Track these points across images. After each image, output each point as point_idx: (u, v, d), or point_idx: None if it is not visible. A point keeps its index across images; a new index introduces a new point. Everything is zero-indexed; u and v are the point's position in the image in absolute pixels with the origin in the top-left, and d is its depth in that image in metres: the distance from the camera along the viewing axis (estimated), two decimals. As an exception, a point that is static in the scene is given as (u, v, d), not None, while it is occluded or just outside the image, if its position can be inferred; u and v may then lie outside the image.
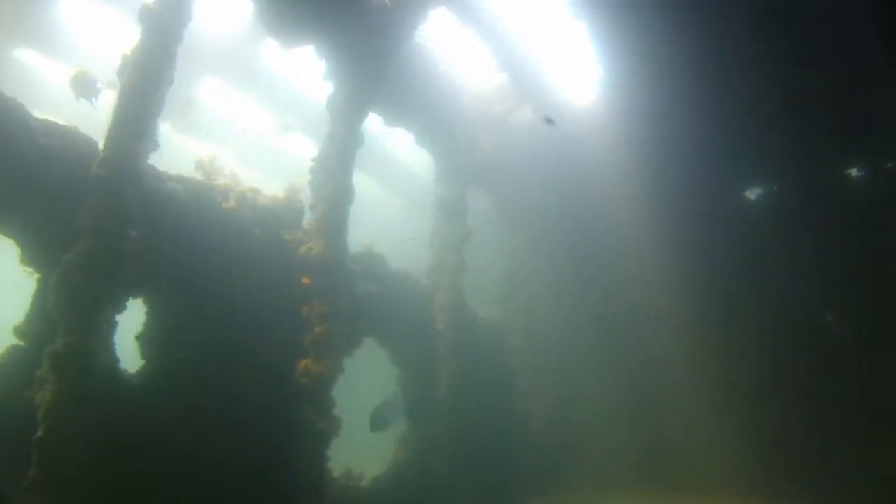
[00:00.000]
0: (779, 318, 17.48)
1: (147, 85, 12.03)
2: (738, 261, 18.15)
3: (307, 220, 14.85)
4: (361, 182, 26.71)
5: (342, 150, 15.03)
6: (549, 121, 17.04)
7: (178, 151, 18.47)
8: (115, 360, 11.46)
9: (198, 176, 14.25)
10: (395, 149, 25.32)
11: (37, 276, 11.89)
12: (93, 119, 12.70)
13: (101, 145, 11.81)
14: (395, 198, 28.42)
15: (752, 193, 19.49)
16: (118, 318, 11.38)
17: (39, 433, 10.06)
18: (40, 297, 11.63)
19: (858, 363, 16.41)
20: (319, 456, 13.30)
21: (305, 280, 14.00)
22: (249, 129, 24.08)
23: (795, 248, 17.20)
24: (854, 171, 18.07)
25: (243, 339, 13.37)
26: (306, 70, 20.04)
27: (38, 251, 11.70)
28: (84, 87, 13.81)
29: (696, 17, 15.79)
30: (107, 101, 12.72)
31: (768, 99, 16.73)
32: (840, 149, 17.70)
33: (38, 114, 12.16)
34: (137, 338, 12.54)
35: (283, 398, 13.42)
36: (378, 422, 16.29)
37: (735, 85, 16.72)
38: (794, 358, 17.01)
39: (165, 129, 16.86)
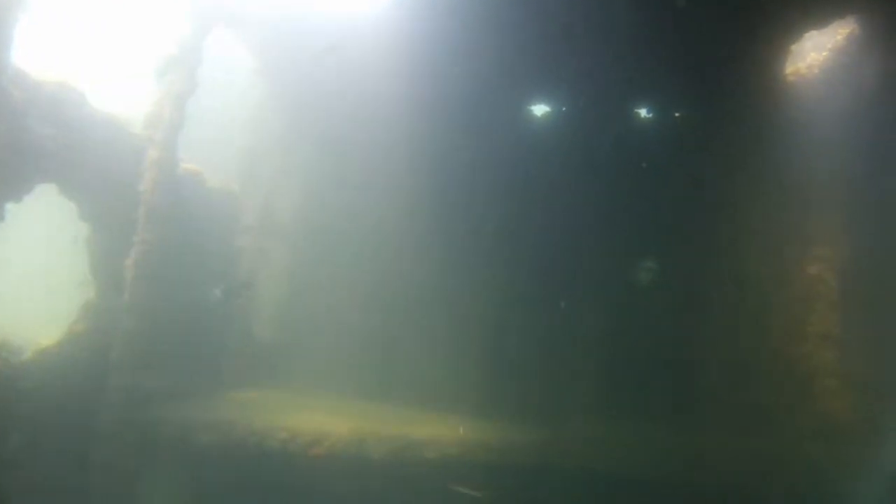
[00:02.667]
0: (545, 245, 16.94)
1: None
2: (514, 180, 17.27)
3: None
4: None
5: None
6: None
7: None
8: None
9: None
10: None
11: None
12: None
13: None
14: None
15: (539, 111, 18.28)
16: None
17: None
18: None
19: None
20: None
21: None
22: None
23: (572, 174, 16.75)
24: (644, 112, 17.72)
25: None
26: None
27: None
28: None
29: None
30: None
31: (565, 14, 15.57)
32: (632, 86, 17.16)
33: None
34: None
35: None
36: None
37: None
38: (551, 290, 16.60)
39: None
